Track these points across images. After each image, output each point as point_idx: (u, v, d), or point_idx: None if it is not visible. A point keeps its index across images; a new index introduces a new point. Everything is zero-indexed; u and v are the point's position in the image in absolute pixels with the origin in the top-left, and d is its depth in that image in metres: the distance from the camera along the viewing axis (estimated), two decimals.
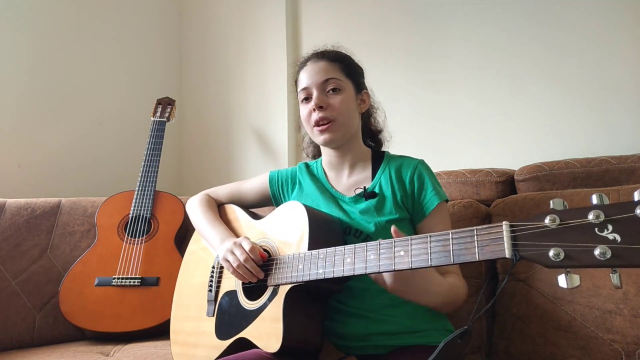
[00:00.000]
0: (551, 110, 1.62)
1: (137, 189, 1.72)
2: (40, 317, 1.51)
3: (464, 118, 1.78)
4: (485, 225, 0.68)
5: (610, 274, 0.58)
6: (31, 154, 1.95)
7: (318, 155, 1.30)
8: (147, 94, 2.26)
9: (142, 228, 1.64)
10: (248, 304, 1.03)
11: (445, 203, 1.09)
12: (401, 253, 0.77)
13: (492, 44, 1.74)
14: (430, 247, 0.73)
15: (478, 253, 0.67)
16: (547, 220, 0.61)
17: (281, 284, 0.96)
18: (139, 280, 1.51)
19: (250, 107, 2.31)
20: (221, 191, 1.33)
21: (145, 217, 1.66)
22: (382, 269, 0.79)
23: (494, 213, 1.35)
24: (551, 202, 0.61)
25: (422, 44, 1.89)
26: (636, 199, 0.55)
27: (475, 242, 0.68)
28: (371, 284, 0.91)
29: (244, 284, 1.07)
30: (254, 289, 1.04)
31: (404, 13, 1.94)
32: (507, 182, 1.44)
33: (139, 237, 1.61)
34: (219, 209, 1.29)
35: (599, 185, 1.31)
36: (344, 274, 0.84)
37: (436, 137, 1.84)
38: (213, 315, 1.11)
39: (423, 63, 1.89)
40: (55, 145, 2.03)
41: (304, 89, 1.12)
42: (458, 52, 1.81)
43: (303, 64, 1.16)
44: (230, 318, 1.06)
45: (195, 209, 1.27)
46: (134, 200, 1.68)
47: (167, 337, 1.23)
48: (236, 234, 1.18)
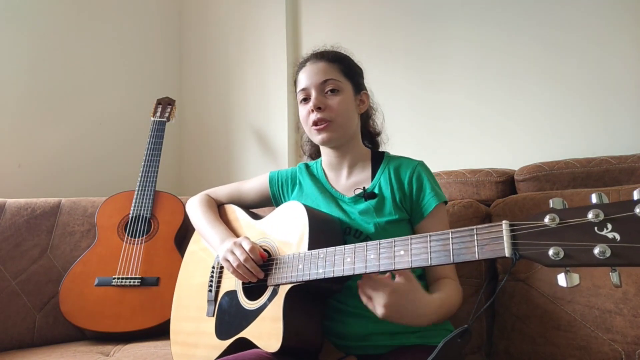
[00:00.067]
0: (551, 110, 1.62)
1: (137, 189, 1.72)
2: (40, 317, 1.51)
3: (464, 118, 1.78)
4: (485, 225, 0.68)
5: (610, 273, 0.58)
6: (31, 154, 1.95)
7: (315, 152, 1.30)
8: (147, 94, 2.26)
9: (142, 228, 1.64)
10: (248, 304, 1.03)
11: (444, 205, 1.09)
12: (401, 252, 0.77)
13: (492, 44, 1.74)
14: (430, 247, 0.73)
15: (478, 252, 0.67)
16: (547, 220, 0.61)
17: (281, 284, 0.96)
18: (139, 280, 1.51)
19: (250, 107, 2.31)
20: (221, 191, 1.33)
21: (145, 217, 1.66)
22: (382, 269, 0.79)
23: (494, 213, 1.35)
24: (551, 202, 0.62)
25: (422, 44, 1.89)
26: (635, 198, 0.55)
27: (475, 242, 0.68)
28: None
29: (244, 284, 1.07)
30: (254, 289, 1.04)
31: (404, 13, 1.94)
32: (507, 182, 1.44)
33: (139, 237, 1.61)
34: (219, 209, 1.29)
35: (599, 185, 1.30)
36: (344, 274, 0.84)
37: (436, 137, 1.84)
38: (213, 315, 1.11)
39: (423, 63, 1.89)
40: (55, 145, 2.03)
41: (303, 90, 1.12)
42: (458, 52, 1.81)
43: (302, 65, 1.15)
44: (230, 318, 1.06)
45: (195, 209, 1.27)
46: (134, 200, 1.69)
47: (167, 337, 1.23)
48: (236, 234, 1.18)
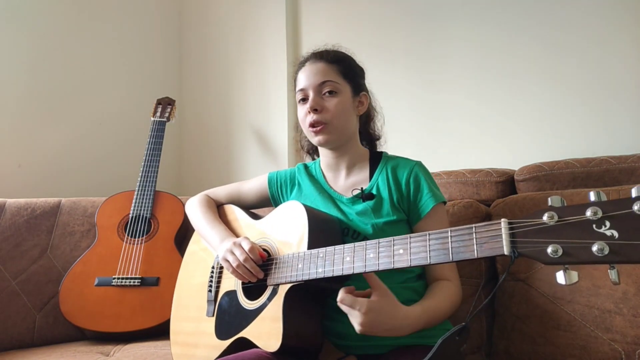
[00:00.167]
0: (551, 110, 1.62)
1: (137, 189, 1.72)
2: (40, 317, 1.51)
3: (464, 118, 1.78)
4: (483, 223, 0.68)
5: (609, 270, 0.58)
6: (31, 154, 1.95)
7: (313, 149, 1.29)
8: (147, 94, 2.26)
9: (142, 228, 1.64)
10: (248, 304, 1.03)
11: (443, 205, 1.08)
12: (400, 251, 0.77)
13: (492, 44, 1.74)
14: (429, 245, 0.73)
15: (477, 250, 0.67)
16: (545, 217, 0.61)
17: (281, 284, 0.96)
18: (139, 280, 1.51)
19: (250, 107, 2.31)
20: (221, 192, 1.33)
21: (145, 217, 1.66)
22: (382, 268, 0.79)
23: (494, 213, 1.35)
24: (549, 199, 0.62)
25: (422, 44, 1.89)
26: (634, 196, 0.55)
27: (474, 240, 0.68)
28: None
29: (243, 283, 1.07)
30: (253, 289, 1.04)
31: (404, 13, 1.94)
32: (507, 182, 1.44)
33: (139, 237, 1.61)
34: (218, 209, 1.30)
35: (599, 185, 1.30)
36: (343, 273, 0.84)
37: (436, 137, 1.84)
38: (213, 315, 1.11)
39: (423, 63, 1.89)
40: (55, 145, 2.03)
41: (301, 90, 1.12)
42: (458, 52, 1.81)
43: (302, 64, 1.15)
44: (230, 318, 1.06)
45: (195, 210, 1.27)
46: (134, 200, 1.69)
47: (167, 337, 1.23)
48: (236, 234, 1.18)
